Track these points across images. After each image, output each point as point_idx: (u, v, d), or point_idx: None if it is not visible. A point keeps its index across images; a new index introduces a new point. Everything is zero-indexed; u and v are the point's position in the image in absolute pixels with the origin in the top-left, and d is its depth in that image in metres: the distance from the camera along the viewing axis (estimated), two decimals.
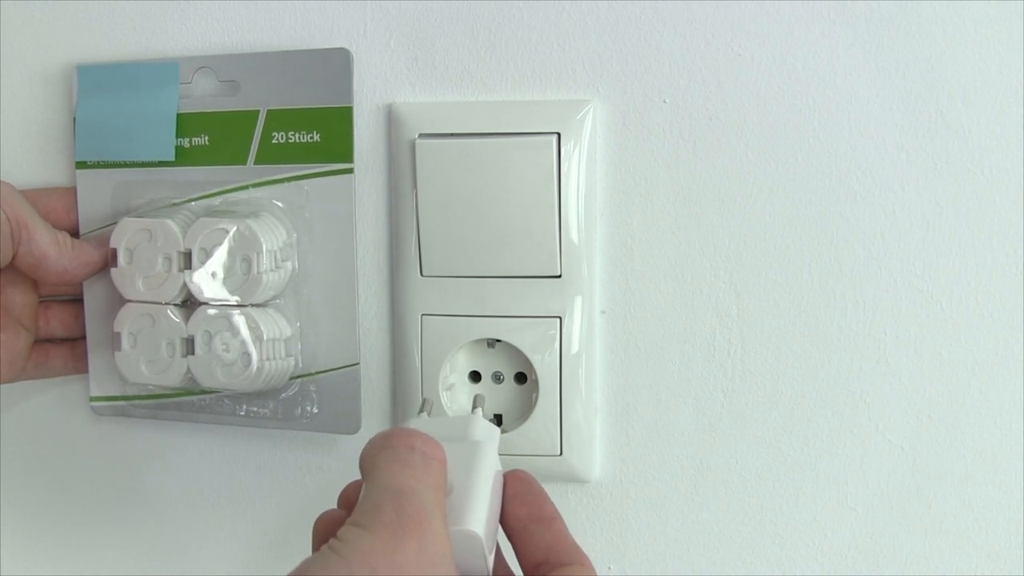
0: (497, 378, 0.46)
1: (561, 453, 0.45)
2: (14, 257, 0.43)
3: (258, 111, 0.45)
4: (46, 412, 0.52)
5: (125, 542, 0.53)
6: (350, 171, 0.45)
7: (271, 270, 0.44)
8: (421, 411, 0.41)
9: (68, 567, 0.54)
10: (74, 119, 0.47)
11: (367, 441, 0.33)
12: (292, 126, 0.45)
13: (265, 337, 0.44)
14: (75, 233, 0.47)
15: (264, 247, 0.43)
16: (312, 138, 0.45)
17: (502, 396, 0.46)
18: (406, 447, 0.32)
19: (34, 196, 0.46)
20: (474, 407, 0.41)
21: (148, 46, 0.47)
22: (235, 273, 0.44)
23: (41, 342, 0.48)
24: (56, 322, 0.48)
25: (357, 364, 0.46)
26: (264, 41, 0.46)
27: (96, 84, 0.47)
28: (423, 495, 0.30)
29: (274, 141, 0.45)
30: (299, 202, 0.45)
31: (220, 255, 0.44)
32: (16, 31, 0.48)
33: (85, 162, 0.47)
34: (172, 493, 0.51)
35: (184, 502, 0.51)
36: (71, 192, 0.48)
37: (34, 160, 0.49)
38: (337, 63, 0.44)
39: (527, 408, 0.46)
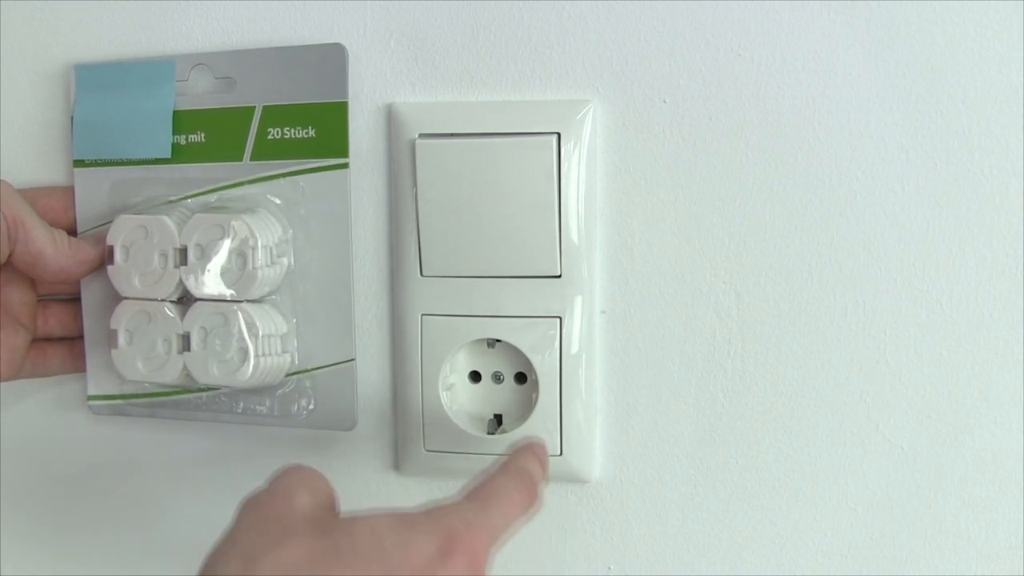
0: (497, 378, 0.46)
1: (561, 453, 0.45)
2: (11, 255, 0.43)
3: (254, 107, 0.45)
4: (44, 412, 0.52)
5: (123, 541, 0.52)
6: (345, 166, 0.45)
7: (267, 266, 0.44)
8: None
9: (66, 567, 0.53)
10: (72, 118, 0.47)
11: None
12: (287, 122, 0.45)
13: (261, 333, 0.44)
14: (73, 231, 0.47)
15: (260, 243, 0.43)
16: (307, 133, 0.45)
17: (502, 396, 0.46)
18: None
19: (32, 195, 0.46)
20: None
21: (145, 44, 0.47)
22: (231, 269, 0.44)
23: (39, 341, 0.48)
24: (54, 321, 0.48)
25: (353, 360, 0.46)
26: (263, 41, 0.46)
27: (93, 83, 0.47)
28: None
29: (270, 137, 0.45)
30: (295, 198, 0.45)
31: (216, 251, 0.43)
32: (14, 30, 0.48)
33: (83, 160, 0.47)
34: (170, 492, 0.51)
35: (183, 501, 0.51)
36: (69, 191, 0.48)
37: (32, 159, 0.49)
38: (332, 58, 0.44)
39: (527, 408, 0.45)
